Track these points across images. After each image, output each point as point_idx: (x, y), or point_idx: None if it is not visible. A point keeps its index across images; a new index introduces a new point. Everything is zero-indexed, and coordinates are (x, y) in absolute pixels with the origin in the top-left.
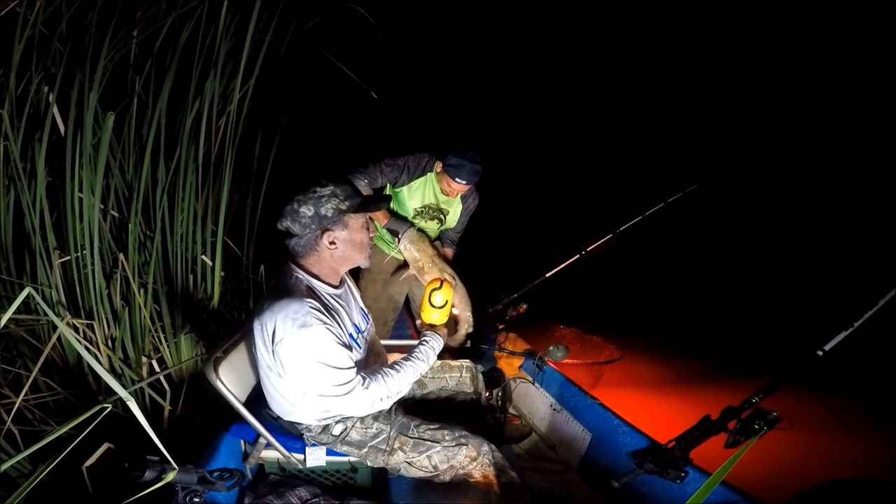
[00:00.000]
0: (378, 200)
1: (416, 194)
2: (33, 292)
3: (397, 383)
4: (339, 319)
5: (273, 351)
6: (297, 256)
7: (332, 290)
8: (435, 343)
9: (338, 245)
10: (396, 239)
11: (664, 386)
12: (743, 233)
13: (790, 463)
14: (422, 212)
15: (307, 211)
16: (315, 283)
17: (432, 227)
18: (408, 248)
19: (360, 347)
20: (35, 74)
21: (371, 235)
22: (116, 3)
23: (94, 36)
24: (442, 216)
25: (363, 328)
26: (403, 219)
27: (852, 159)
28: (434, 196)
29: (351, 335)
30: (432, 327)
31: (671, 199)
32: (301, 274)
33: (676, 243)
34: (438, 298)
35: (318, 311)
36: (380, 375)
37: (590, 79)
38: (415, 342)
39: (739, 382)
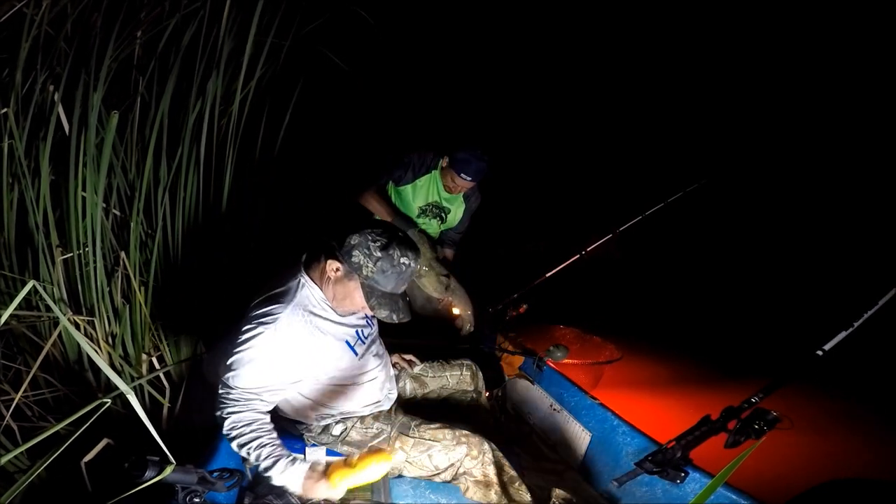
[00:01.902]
0: (400, 312)
1: (420, 192)
2: (37, 285)
3: (243, 442)
4: (328, 329)
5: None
6: (313, 268)
7: (330, 304)
8: (299, 482)
9: (343, 290)
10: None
11: (664, 386)
12: (743, 233)
13: (790, 463)
14: (425, 210)
15: (385, 267)
16: (316, 291)
17: (434, 225)
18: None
19: (357, 353)
20: (40, 74)
21: (360, 310)
22: (121, 5)
23: (99, 36)
24: (444, 214)
25: (366, 333)
26: (408, 219)
27: (852, 159)
28: (437, 193)
29: (347, 342)
30: (325, 476)
31: (671, 198)
32: (306, 279)
33: (676, 243)
34: (369, 474)
35: (296, 323)
36: (245, 423)
37: (589, 78)
38: (417, 342)
39: (739, 382)
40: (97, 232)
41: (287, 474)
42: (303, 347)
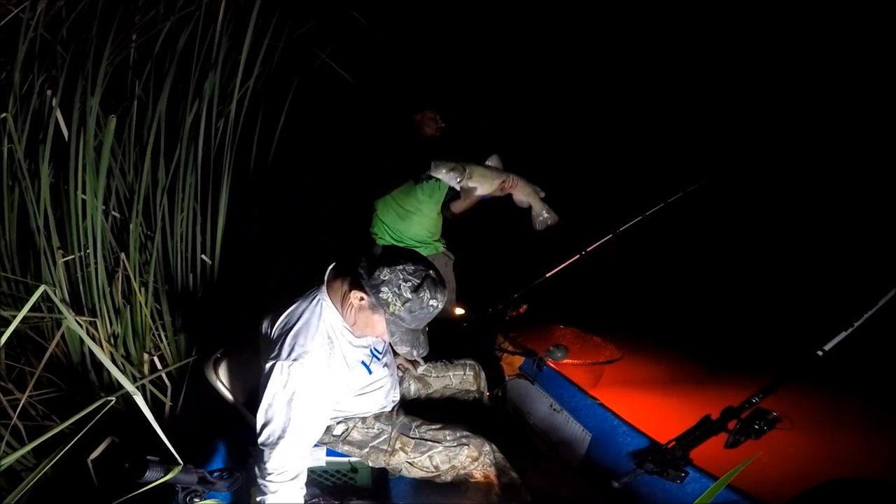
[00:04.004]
0: (421, 347)
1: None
2: (49, 290)
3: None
4: (348, 354)
5: (264, 361)
6: (334, 289)
7: (348, 327)
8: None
9: (365, 319)
10: (428, 174)
11: (664, 386)
12: (743, 233)
13: (790, 463)
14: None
15: (414, 308)
16: (336, 316)
17: (434, 186)
18: (450, 168)
19: (371, 372)
20: (38, 78)
21: (382, 338)
22: (116, 8)
23: (95, 40)
24: None
25: (380, 348)
26: (428, 156)
27: (852, 159)
28: None
29: (363, 361)
30: None
31: (671, 199)
32: (328, 301)
33: (676, 243)
34: None
35: (325, 351)
36: (281, 478)
37: (589, 78)
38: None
39: (739, 382)
40: (98, 234)
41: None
42: (331, 377)
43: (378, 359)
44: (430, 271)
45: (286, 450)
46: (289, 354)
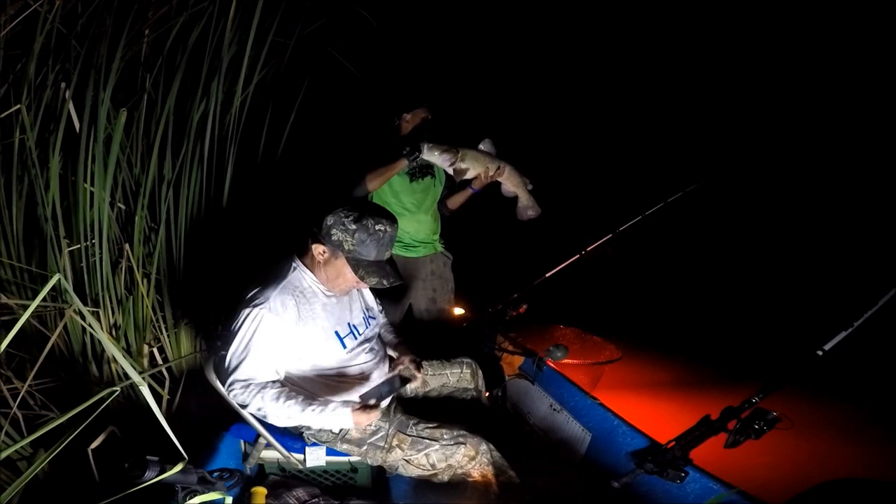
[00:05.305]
0: (389, 276)
1: None
2: (62, 279)
3: (275, 412)
4: (318, 314)
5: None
6: (306, 256)
7: (322, 288)
8: (336, 417)
9: (334, 269)
10: (416, 154)
11: (664, 386)
12: (743, 232)
13: (790, 463)
14: (413, 172)
15: (363, 238)
16: (308, 274)
17: (429, 183)
18: (443, 150)
19: (345, 346)
20: (52, 71)
21: (353, 287)
22: (131, 3)
23: (109, 35)
24: (430, 169)
25: (361, 330)
26: (411, 143)
27: (852, 159)
28: None
29: (337, 332)
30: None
31: (671, 199)
32: (298, 262)
33: (676, 243)
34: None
35: (288, 304)
36: (270, 395)
37: (589, 78)
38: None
39: (739, 382)
40: (103, 224)
41: (336, 414)
42: (293, 328)
43: (356, 337)
44: (369, 205)
45: (243, 371)
46: (253, 299)
